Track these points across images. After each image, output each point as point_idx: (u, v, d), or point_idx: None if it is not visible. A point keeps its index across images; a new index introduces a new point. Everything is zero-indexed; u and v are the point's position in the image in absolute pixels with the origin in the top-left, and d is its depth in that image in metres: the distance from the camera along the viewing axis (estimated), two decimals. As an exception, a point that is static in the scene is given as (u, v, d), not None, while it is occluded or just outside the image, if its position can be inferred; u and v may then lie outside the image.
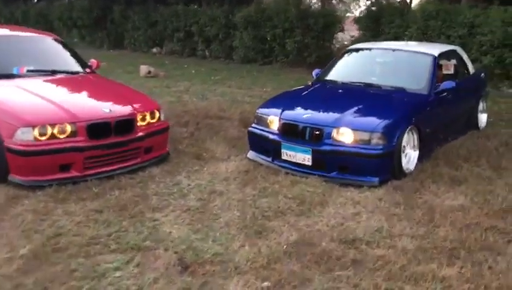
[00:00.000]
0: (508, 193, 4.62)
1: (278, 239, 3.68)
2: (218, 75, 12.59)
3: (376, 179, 4.84)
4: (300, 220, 4.03)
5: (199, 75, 12.71)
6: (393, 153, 4.88)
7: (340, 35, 14.45)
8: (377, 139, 4.82)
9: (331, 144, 4.90)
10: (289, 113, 5.29)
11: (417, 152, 5.33)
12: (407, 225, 3.95)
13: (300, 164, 5.06)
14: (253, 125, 5.60)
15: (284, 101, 5.70)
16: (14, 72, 5.24)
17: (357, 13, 17.41)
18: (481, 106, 7.24)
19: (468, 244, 3.63)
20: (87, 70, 6.00)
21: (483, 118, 7.28)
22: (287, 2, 14.31)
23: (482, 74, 7.76)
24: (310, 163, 5.01)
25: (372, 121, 4.95)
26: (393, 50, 6.37)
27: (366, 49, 6.67)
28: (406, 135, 5.11)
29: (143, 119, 5.07)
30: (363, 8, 16.10)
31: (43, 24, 21.47)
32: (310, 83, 6.49)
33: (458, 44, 10.33)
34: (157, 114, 5.25)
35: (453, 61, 6.65)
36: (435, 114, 5.66)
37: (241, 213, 4.10)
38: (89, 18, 19.77)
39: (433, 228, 3.92)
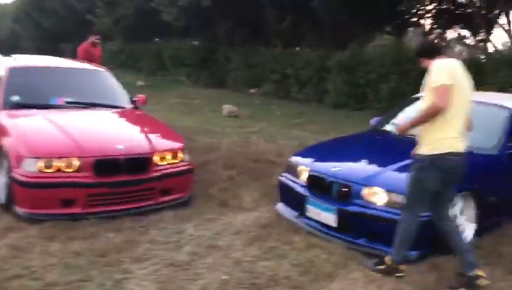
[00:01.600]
0: None
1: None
2: (302, 118, 12.16)
3: (412, 253, 3.99)
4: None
5: (282, 118, 12.39)
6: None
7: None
8: (412, 204, 4.01)
9: (359, 205, 4.17)
10: (319, 164, 4.65)
11: (473, 225, 4.36)
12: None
13: (325, 224, 4.39)
14: (284, 174, 5.04)
15: (322, 149, 5.09)
16: (51, 102, 5.30)
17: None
18: None
19: None
20: (132, 105, 5.93)
21: None
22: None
23: None
24: (335, 224, 4.32)
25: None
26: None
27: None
28: (457, 202, 4.22)
29: (162, 158, 4.78)
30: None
31: (157, 61, 23.04)
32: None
33: None
34: (180, 154, 4.93)
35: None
36: (505, 179, 4.65)
37: (227, 276, 3.55)
38: (196, 57, 20.68)
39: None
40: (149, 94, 7.42)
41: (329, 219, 4.32)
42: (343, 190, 4.27)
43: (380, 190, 4.12)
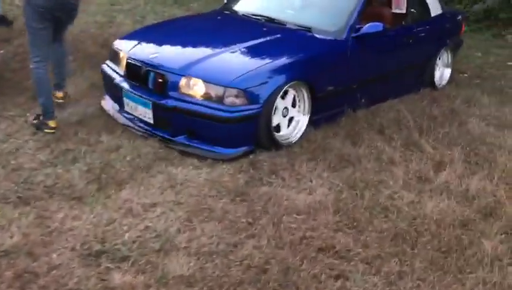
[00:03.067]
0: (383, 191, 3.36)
1: None
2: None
3: (230, 151, 3.59)
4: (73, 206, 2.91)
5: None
6: (258, 117, 3.59)
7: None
8: (232, 98, 3.51)
9: (175, 98, 3.63)
10: (139, 50, 3.97)
11: (306, 117, 4.01)
12: (208, 231, 2.79)
13: (144, 120, 3.85)
14: (107, 61, 4.34)
15: (151, 32, 4.36)
16: None
17: None
18: (444, 58, 5.71)
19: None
20: None
21: (445, 73, 5.76)
22: None
23: (459, 17, 6.14)
24: (151, 121, 3.79)
25: (232, 71, 3.60)
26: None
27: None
28: (286, 94, 3.80)
29: None
30: None
31: None
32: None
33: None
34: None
35: (406, -3, 5.08)
36: (347, 66, 4.25)
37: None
38: None
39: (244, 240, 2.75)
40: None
41: (146, 114, 3.77)
42: (159, 80, 3.68)
43: (198, 81, 3.57)
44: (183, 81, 3.60)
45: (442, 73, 5.74)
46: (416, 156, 3.82)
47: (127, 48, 4.05)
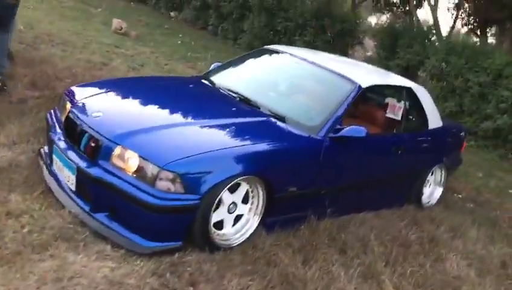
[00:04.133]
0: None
1: None
2: (203, 53, 10.87)
3: (150, 245, 2.99)
4: None
5: (179, 47, 11.04)
6: (194, 210, 3.01)
7: (357, 49, 12.39)
8: (166, 182, 2.95)
9: (104, 168, 3.08)
10: (83, 105, 3.48)
11: (257, 218, 3.43)
12: None
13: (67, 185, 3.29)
14: (56, 107, 3.85)
15: (112, 87, 3.87)
16: None
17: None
18: (437, 175, 5.17)
19: None
20: None
21: (435, 192, 5.20)
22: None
23: (462, 133, 5.66)
24: (73, 188, 3.24)
25: (176, 150, 3.07)
26: (314, 64, 4.35)
27: (284, 52, 4.67)
28: (237, 187, 3.24)
29: None
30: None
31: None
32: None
33: (477, 92, 8.25)
34: None
35: (402, 104, 4.62)
36: (318, 168, 3.71)
37: None
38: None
39: None
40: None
41: (70, 179, 3.22)
42: (92, 144, 3.16)
43: (133, 154, 3.03)
44: (117, 151, 3.07)
45: (433, 191, 5.18)
46: (372, 295, 3.19)
47: (73, 100, 3.57)
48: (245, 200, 3.37)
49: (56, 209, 3.14)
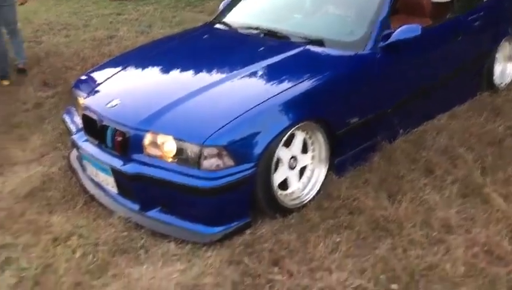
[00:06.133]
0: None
1: None
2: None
3: (214, 230, 2.61)
4: None
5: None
6: (252, 180, 2.59)
7: None
8: (212, 159, 2.53)
9: (139, 161, 2.68)
10: (95, 96, 3.05)
11: (323, 165, 2.97)
12: None
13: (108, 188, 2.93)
14: (69, 107, 3.45)
15: (118, 66, 3.37)
16: None
17: None
18: (505, 50, 4.48)
19: None
20: None
21: (508, 69, 4.54)
22: None
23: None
24: (115, 190, 2.87)
25: (211, 121, 2.60)
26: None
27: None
28: (292, 138, 2.78)
29: None
30: None
31: None
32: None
33: None
34: None
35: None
36: (377, 87, 3.17)
37: None
38: None
39: None
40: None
41: (109, 181, 2.86)
42: (118, 138, 2.74)
43: (167, 138, 2.60)
44: (148, 139, 2.65)
45: (504, 70, 4.51)
46: (480, 215, 2.71)
47: (84, 92, 3.14)
48: (304, 149, 2.92)
49: (105, 219, 2.80)
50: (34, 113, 4.29)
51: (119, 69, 3.31)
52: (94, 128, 2.89)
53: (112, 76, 3.22)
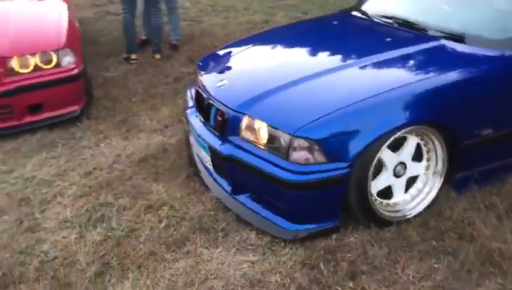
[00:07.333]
0: None
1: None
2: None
3: (294, 228, 2.43)
4: None
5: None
6: (345, 181, 2.35)
7: None
8: (302, 152, 2.34)
9: (234, 144, 2.61)
10: (210, 74, 3.04)
11: (439, 178, 2.57)
12: None
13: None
14: (194, 84, 3.52)
15: (243, 46, 3.32)
16: None
17: None
18: None
19: None
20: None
21: None
22: None
23: None
24: (212, 169, 2.85)
25: (308, 110, 2.40)
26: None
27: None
28: (403, 142, 2.45)
29: (24, 64, 3.57)
30: None
31: None
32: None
33: None
34: (54, 57, 3.65)
35: None
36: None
37: None
38: None
39: None
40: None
41: (207, 160, 2.85)
42: (219, 118, 2.71)
43: (261, 124, 2.49)
44: (245, 122, 2.57)
45: None
46: None
47: (203, 70, 3.18)
48: (418, 157, 2.56)
49: (198, 195, 2.82)
50: (172, 87, 4.53)
51: (241, 49, 3.27)
52: (202, 106, 2.91)
53: (232, 56, 3.21)
